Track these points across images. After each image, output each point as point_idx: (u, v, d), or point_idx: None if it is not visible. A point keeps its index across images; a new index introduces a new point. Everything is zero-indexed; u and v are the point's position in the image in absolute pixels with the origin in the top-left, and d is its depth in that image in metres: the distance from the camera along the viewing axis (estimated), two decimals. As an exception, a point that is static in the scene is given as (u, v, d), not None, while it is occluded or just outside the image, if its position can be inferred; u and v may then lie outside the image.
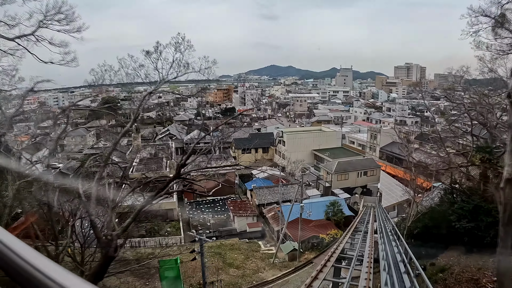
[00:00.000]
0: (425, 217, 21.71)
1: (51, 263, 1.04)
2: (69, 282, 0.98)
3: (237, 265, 31.07)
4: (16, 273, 0.99)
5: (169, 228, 42.31)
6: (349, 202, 48.43)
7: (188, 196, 52.36)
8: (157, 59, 17.06)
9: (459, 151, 25.26)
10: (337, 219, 38.69)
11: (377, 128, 71.50)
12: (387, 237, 19.89)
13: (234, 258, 32.85)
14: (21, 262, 1.00)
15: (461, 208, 18.69)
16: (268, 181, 53.04)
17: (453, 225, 18.48)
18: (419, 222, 21.85)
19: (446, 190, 23.16)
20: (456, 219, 18.39)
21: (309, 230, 36.22)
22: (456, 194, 22.10)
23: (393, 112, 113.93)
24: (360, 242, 20.36)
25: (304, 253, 33.62)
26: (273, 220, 41.43)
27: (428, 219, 21.19)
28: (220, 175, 53.69)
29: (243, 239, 39.81)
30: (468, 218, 17.96)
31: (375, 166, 57.49)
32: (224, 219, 45.90)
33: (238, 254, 33.94)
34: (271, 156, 70.06)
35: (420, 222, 21.78)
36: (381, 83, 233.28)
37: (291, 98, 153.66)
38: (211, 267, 29.95)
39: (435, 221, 20.41)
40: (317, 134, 68.15)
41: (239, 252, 34.42)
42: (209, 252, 33.73)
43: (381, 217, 30.93)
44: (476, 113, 23.83)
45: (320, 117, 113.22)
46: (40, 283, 0.96)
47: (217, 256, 32.98)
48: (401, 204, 45.78)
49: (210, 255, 32.85)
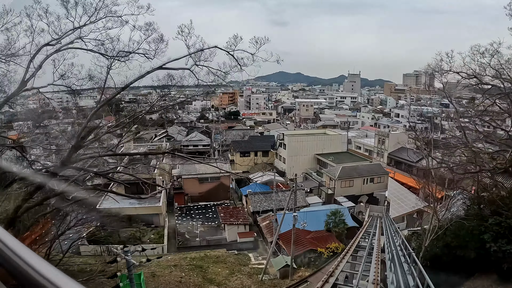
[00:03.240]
0: (447, 234, 17.00)
1: (52, 268, 1.08)
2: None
3: (219, 282, 26.65)
4: (21, 276, 1.05)
5: (152, 235, 38.38)
6: (353, 212, 44.10)
7: (179, 201, 48.51)
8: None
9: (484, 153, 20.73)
10: (338, 231, 34.12)
11: (385, 132, 66.87)
12: (397, 257, 15.55)
13: (217, 273, 28.41)
14: (25, 266, 1.06)
15: (498, 224, 14.11)
16: (265, 187, 48.73)
17: (486, 247, 13.92)
18: (438, 240, 17.13)
19: (473, 200, 18.49)
20: (491, 239, 13.83)
21: (306, 243, 31.71)
22: (484, 205, 17.49)
23: (402, 118, 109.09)
24: (363, 264, 15.97)
25: (299, 269, 29.16)
26: (268, 229, 37.03)
27: (452, 236, 16.50)
28: (214, 179, 49.83)
29: (233, 250, 35.47)
30: (510, 238, 13.37)
31: (383, 172, 52.78)
32: (215, 227, 41.64)
33: (223, 268, 29.50)
34: (271, 160, 65.72)
35: (440, 240, 17.06)
36: (389, 90, 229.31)
37: (297, 103, 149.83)
38: (187, 283, 25.68)
39: (460, 240, 15.81)
40: (320, 138, 63.51)
41: (224, 266, 29.98)
42: (188, 265, 29.48)
43: (389, 230, 26.46)
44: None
45: (326, 121, 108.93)
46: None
47: (197, 270, 28.57)
48: (411, 214, 41.29)
49: (189, 269, 28.60)
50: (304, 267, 29.80)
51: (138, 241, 36.15)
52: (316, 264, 29.80)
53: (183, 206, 47.50)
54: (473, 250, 14.79)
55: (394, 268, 14.74)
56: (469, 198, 19.42)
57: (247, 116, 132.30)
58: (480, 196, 17.91)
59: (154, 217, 40.58)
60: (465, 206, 19.03)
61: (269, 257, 26.85)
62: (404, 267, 14.80)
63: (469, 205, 18.73)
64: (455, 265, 15.40)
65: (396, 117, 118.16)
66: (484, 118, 19.50)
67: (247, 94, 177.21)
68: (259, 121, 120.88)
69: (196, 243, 37.89)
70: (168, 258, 32.18)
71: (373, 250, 17.88)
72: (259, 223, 39.76)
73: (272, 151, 65.98)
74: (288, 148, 60.03)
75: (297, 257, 30.15)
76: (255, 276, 28.21)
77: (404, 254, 15.46)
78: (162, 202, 40.99)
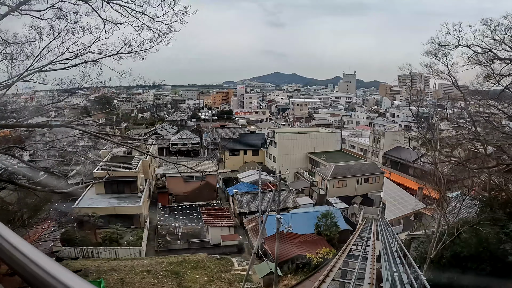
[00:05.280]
0: (456, 243, 14.14)
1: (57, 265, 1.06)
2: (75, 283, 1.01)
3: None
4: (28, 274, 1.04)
5: (131, 237, 35.77)
6: (346, 213, 41.49)
7: (163, 201, 45.91)
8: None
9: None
10: (329, 234, 31.44)
11: (380, 131, 64.35)
12: (396, 268, 12.88)
13: (194, 280, 25.57)
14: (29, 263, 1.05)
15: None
16: (254, 186, 45.97)
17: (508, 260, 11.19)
18: (445, 249, 14.22)
19: (486, 201, 15.68)
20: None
21: (293, 248, 28.98)
22: (498, 207, 14.75)
23: (397, 118, 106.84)
24: (355, 277, 13.27)
25: (285, 276, 26.43)
26: (254, 232, 34.32)
27: (462, 245, 13.66)
28: (199, 178, 47.14)
29: (215, 254, 32.67)
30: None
31: (378, 172, 50.20)
32: (199, 228, 38.86)
33: (201, 274, 26.64)
34: (261, 159, 63.02)
35: (447, 249, 14.19)
36: (384, 90, 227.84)
37: (291, 102, 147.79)
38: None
39: (472, 249, 13.04)
40: (313, 136, 60.74)
41: (203, 272, 27.11)
42: (164, 271, 26.67)
43: (385, 233, 23.77)
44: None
45: (320, 121, 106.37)
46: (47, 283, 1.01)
47: (172, 276, 25.69)
48: (408, 217, 38.79)
49: (163, 275, 25.77)
50: (291, 274, 27.09)
51: (115, 243, 33.80)
52: (304, 271, 27.11)
53: (166, 206, 44.99)
54: (488, 263, 12.14)
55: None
56: (481, 200, 16.58)
57: (240, 115, 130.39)
58: (494, 197, 15.24)
59: (135, 218, 37.99)
60: (477, 209, 16.20)
61: (251, 263, 24.04)
62: (403, 278, 12.13)
63: (481, 207, 15.90)
64: (465, 279, 12.72)
65: (392, 116, 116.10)
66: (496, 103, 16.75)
67: (240, 93, 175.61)
68: (252, 120, 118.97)
69: (177, 246, 35.18)
70: (143, 262, 29.45)
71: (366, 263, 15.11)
72: (245, 225, 37.05)
73: (262, 150, 63.29)
74: (279, 146, 57.32)
75: (284, 263, 27.45)
76: (236, 284, 25.43)
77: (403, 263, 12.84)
78: (142, 201, 38.28)
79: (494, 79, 15.51)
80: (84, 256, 31.30)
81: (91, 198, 39.71)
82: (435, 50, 16.39)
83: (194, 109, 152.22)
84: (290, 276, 26.54)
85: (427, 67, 17.40)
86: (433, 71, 17.31)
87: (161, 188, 48.40)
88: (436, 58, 16.67)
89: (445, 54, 16.30)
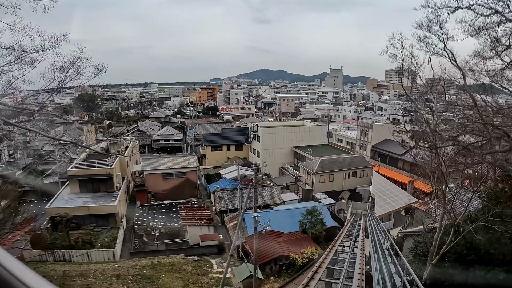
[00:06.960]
0: (460, 244, 11.91)
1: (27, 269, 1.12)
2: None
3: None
4: None
5: (106, 238, 33.55)
6: (333, 209, 39.52)
7: (141, 199, 43.45)
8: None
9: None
10: (315, 232, 29.35)
11: (368, 123, 62.55)
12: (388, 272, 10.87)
13: (168, 285, 23.31)
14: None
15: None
16: (237, 182, 43.75)
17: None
18: (448, 251, 11.99)
19: (492, 194, 13.55)
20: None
21: (276, 248, 26.81)
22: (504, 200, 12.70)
23: (385, 112, 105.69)
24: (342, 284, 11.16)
25: (267, 279, 24.28)
26: (235, 231, 32.05)
27: (467, 247, 11.50)
28: (179, 175, 44.90)
29: (194, 255, 30.41)
30: None
31: (366, 165, 48.31)
32: (178, 228, 36.56)
33: (176, 278, 24.38)
34: (245, 154, 60.86)
35: (450, 251, 11.93)
36: (372, 85, 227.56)
37: (277, 97, 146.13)
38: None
39: (479, 252, 10.91)
40: (298, 129, 58.66)
41: (178, 276, 24.84)
42: (136, 275, 24.37)
43: (375, 230, 21.78)
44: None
45: (306, 115, 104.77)
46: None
47: (144, 281, 23.38)
48: (398, 212, 37.01)
49: (134, 280, 23.49)
50: (274, 276, 24.94)
51: (88, 245, 31.54)
52: (288, 272, 24.99)
53: (145, 205, 42.62)
54: (502, 269, 10.04)
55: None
56: (486, 194, 14.33)
57: (225, 111, 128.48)
58: (502, 189, 13.18)
59: (110, 218, 35.82)
60: (480, 204, 14.08)
61: (227, 266, 21.85)
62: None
63: (485, 202, 13.66)
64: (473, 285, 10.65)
65: (380, 110, 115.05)
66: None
67: (226, 89, 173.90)
68: (238, 116, 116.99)
69: (153, 247, 32.88)
70: (115, 266, 27.14)
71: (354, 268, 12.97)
72: (226, 224, 34.87)
73: (246, 145, 61.11)
74: (263, 140, 55.15)
75: (266, 264, 25.31)
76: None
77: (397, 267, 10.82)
78: (118, 200, 35.95)
79: (496, 53, 13.43)
80: (55, 260, 29.10)
81: (65, 197, 37.51)
82: (429, 22, 14.26)
83: (179, 105, 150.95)
84: (272, 279, 24.42)
85: (420, 40, 15.21)
86: (427, 45, 15.13)
87: (140, 186, 45.94)
88: (429, 31, 14.56)
89: (440, 26, 14.18)
